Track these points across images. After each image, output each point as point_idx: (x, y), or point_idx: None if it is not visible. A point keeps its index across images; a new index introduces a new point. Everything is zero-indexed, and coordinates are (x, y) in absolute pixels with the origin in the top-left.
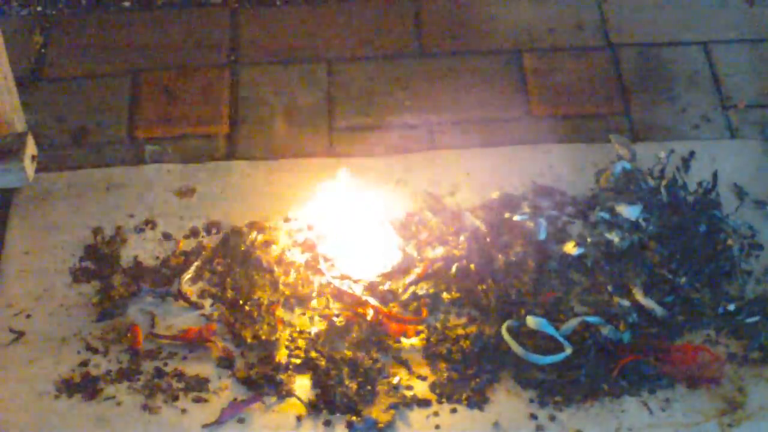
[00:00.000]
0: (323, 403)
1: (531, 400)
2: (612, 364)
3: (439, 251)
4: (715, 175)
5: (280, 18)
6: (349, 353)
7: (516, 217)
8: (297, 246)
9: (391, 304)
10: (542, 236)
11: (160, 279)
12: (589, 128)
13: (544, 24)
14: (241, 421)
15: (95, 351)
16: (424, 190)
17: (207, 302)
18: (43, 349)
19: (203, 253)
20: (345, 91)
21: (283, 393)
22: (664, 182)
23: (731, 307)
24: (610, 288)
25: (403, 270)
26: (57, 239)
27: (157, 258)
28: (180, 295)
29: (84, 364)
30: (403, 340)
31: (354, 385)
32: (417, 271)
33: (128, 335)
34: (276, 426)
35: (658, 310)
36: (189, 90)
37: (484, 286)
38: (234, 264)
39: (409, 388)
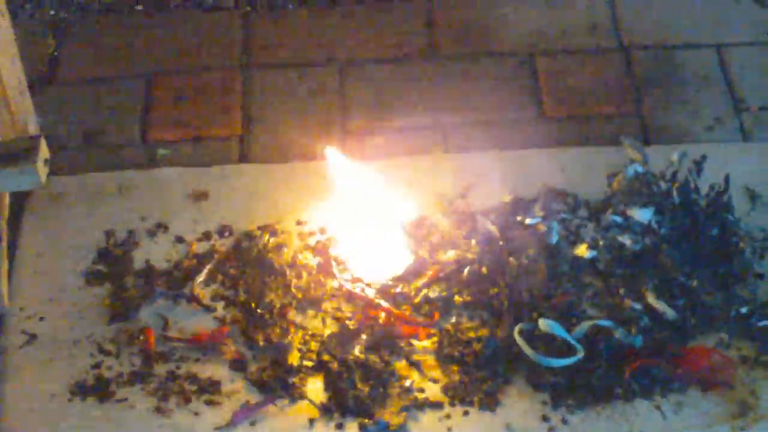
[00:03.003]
0: (335, 406)
1: (543, 403)
2: (624, 367)
3: (451, 254)
4: (727, 178)
5: (292, 21)
6: (361, 356)
7: (528, 220)
8: (309, 249)
9: (403, 307)
10: (554, 239)
11: (173, 282)
12: (601, 131)
13: (557, 26)
14: (253, 423)
15: (108, 353)
16: (436, 193)
17: (219, 305)
18: (56, 351)
19: (216, 256)
20: (357, 93)
21: (296, 396)
22: (676, 185)
23: (743, 310)
24: (622, 291)
25: (415, 273)
26: (70, 242)
27: (170, 261)
28: (192, 298)
29: (96, 366)
30: (415, 342)
31: (366, 388)
32: (429, 274)
33: (140, 338)
34: (288, 428)
35: (670, 314)
36: (201, 93)
37: (496, 289)
38: (246, 267)
39: (421, 390)
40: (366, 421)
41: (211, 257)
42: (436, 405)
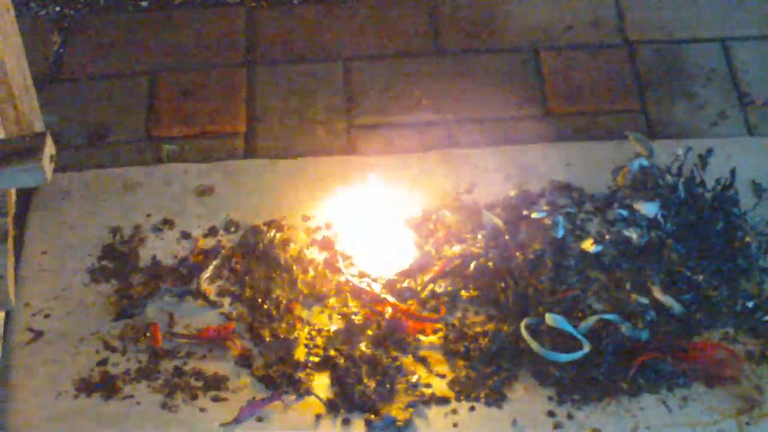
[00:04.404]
0: (342, 402)
1: (549, 398)
2: (630, 362)
3: (457, 249)
4: (732, 173)
5: (296, 17)
6: (367, 351)
7: (534, 215)
8: (315, 244)
9: (409, 302)
10: (560, 234)
11: (179, 278)
12: (606, 126)
13: (561, 22)
14: (259, 419)
15: (114, 350)
16: (442, 188)
17: (226, 301)
18: (62, 348)
19: (222, 251)
20: (362, 89)
21: (302, 391)
22: (681, 179)
23: (749, 304)
24: (628, 285)
25: (421, 268)
26: (75, 239)
27: (176, 257)
28: (199, 294)
29: (103, 363)
30: (422, 338)
31: (372, 384)
32: (435, 269)
33: (147, 334)
34: (295, 424)
35: (677, 308)
36: (206, 89)
37: (503, 284)
38: (252, 262)
39: (428, 386)
40: (372, 416)
41: (217, 253)
42: (443, 400)
